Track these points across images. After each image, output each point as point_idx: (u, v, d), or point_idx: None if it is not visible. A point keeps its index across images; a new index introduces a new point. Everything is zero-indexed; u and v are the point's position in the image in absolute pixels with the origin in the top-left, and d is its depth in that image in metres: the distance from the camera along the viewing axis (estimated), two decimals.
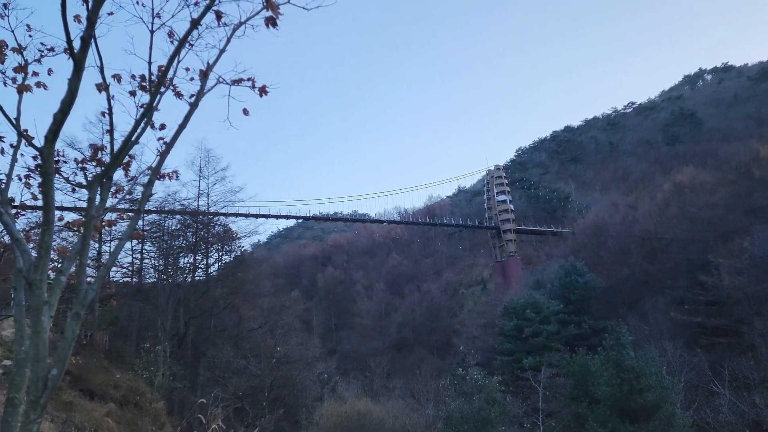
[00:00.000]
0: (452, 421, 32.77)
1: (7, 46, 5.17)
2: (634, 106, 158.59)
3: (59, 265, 5.27)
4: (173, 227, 46.82)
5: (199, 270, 48.51)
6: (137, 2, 4.93)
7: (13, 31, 5.25)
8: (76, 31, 4.35)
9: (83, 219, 5.78)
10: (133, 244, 45.37)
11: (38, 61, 5.52)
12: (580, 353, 36.95)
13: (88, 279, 5.82)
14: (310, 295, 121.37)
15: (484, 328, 68.29)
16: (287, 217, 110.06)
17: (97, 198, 4.66)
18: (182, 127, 4.83)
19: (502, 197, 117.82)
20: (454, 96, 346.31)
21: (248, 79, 5.20)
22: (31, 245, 5.52)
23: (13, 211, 5.53)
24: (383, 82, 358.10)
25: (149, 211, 44.49)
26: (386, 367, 64.62)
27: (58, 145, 4.52)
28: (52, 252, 4.67)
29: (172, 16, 5.01)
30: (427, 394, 40.49)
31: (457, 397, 35.35)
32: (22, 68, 5.29)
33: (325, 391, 44.94)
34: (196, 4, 4.90)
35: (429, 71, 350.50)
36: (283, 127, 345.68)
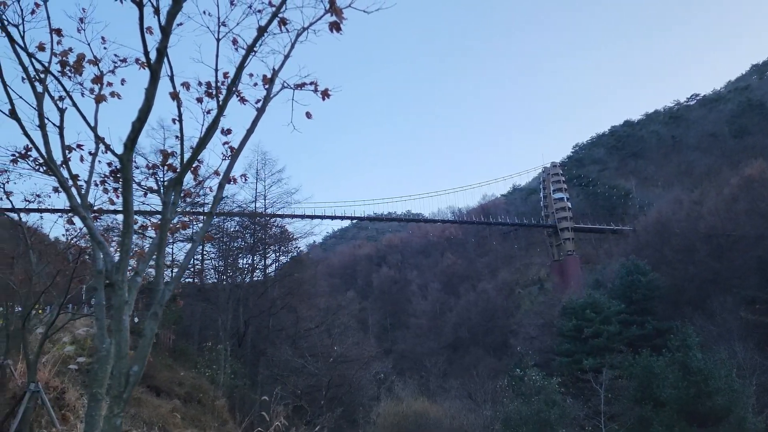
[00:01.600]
0: (511, 422, 32.36)
1: (84, 58, 5.47)
2: (698, 98, 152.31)
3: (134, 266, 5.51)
4: (232, 229, 48.11)
5: (258, 271, 49.64)
6: (204, 12, 5.11)
7: (89, 44, 5.54)
8: (149, 42, 4.55)
9: (157, 222, 6.00)
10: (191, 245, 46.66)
11: (112, 72, 5.82)
12: (644, 354, 35.82)
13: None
14: (366, 294, 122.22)
15: (541, 329, 67.08)
16: (342, 218, 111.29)
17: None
18: (250, 131, 4.98)
19: (558, 195, 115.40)
20: (508, 93, 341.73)
21: (311, 83, 5.31)
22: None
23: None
24: (436, 82, 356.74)
25: (210, 214, 45.64)
26: (442, 367, 64.38)
27: None
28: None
29: (237, 24, 5.17)
30: (484, 395, 40.11)
31: (516, 398, 34.91)
32: (98, 79, 5.58)
33: (382, 390, 45.12)
34: (260, 11, 5.04)
35: (482, 70, 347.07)
36: (337, 128, 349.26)
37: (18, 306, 17.91)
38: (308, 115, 5.31)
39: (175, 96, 4.90)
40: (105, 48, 5.67)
